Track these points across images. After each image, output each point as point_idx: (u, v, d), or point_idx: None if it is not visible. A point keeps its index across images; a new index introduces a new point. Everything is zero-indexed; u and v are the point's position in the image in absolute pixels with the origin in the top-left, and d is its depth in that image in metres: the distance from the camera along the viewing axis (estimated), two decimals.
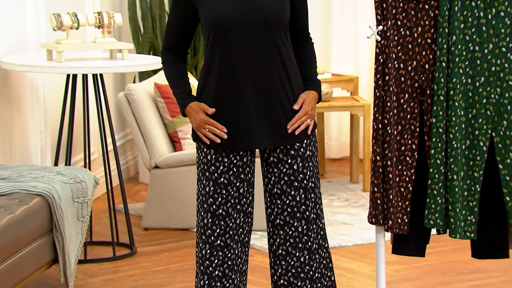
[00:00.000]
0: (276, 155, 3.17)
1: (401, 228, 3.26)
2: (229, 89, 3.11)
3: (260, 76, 3.10)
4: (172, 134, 5.33)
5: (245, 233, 3.18)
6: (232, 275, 3.15)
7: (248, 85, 3.10)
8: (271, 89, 3.12)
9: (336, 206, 5.63)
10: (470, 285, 4.26)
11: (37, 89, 5.05)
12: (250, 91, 3.11)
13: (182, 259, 4.67)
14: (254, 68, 3.09)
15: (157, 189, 5.17)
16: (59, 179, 4.13)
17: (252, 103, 3.11)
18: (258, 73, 3.10)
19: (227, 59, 3.09)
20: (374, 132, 3.27)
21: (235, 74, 3.10)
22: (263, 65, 3.09)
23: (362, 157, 6.40)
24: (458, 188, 3.20)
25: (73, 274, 4.12)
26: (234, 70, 3.09)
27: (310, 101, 3.14)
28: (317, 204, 3.19)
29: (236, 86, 3.11)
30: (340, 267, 4.51)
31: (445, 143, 3.22)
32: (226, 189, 3.13)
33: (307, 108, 3.13)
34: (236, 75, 3.10)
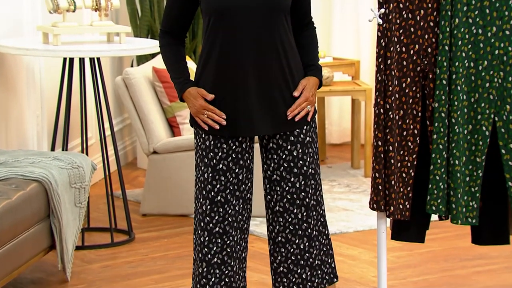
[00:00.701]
0: (275, 141, 3.17)
1: (402, 214, 3.27)
2: (229, 74, 3.12)
3: (261, 62, 3.10)
4: (170, 119, 5.34)
5: (244, 220, 3.19)
6: (231, 262, 3.16)
7: (248, 70, 3.10)
8: (271, 75, 3.12)
9: (337, 192, 5.64)
10: (472, 271, 4.28)
11: (33, 73, 5.06)
12: (250, 77, 3.11)
13: (180, 245, 4.69)
14: (255, 53, 3.09)
15: (155, 175, 5.18)
16: (56, 165, 4.15)
17: (252, 89, 3.12)
18: (259, 58, 3.10)
19: (227, 44, 3.10)
20: (376, 117, 3.28)
21: (235, 59, 3.10)
22: (263, 51, 3.09)
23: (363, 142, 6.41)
24: (460, 174, 3.21)
25: (71, 260, 4.14)
26: (234, 55, 3.10)
27: (311, 87, 3.15)
28: (317, 190, 3.19)
29: (236, 71, 3.11)
30: (341, 253, 4.53)
31: (447, 128, 3.23)
32: (224, 176, 3.14)
33: (308, 94, 3.14)
34: (236, 60, 3.10)
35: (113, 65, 6.20)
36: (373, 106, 3.30)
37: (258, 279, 4.19)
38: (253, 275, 4.22)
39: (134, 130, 5.51)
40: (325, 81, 5.97)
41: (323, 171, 6.08)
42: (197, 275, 3.16)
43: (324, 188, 5.70)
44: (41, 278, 4.22)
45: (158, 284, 4.14)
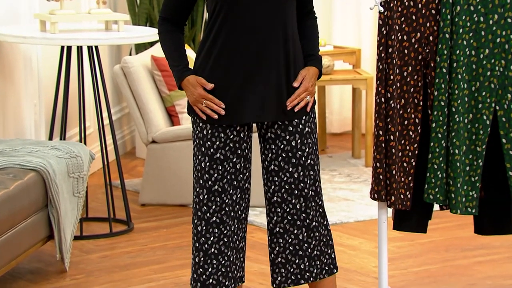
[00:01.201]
0: (274, 131, 3.18)
1: (403, 204, 3.28)
2: (229, 62, 3.12)
3: (264, 50, 3.10)
4: (169, 108, 5.34)
5: (242, 210, 3.19)
6: (228, 252, 3.17)
7: (249, 58, 3.10)
8: (272, 64, 3.12)
9: (338, 182, 5.65)
10: (474, 261, 4.29)
11: (30, 61, 5.06)
12: (251, 65, 3.11)
13: (180, 235, 4.70)
14: (258, 42, 3.09)
15: (154, 164, 5.19)
16: (54, 154, 4.15)
17: (252, 77, 3.12)
18: (262, 47, 3.10)
19: (230, 32, 3.09)
20: (377, 106, 3.29)
21: (236, 47, 3.10)
22: (267, 39, 3.09)
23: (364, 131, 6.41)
24: (459, 163, 3.22)
25: (69, 250, 4.15)
26: (236, 43, 3.09)
27: (310, 78, 3.15)
28: (316, 181, 3.20)
29: (236, 59, 3.11)
30: (342, 244, 4.54)
31: (447, 117, 3.23)
32: (222, 165, 3.15)
33: (307, 84, 3.14)
34: (238, 48, 3.10)
35: (111, 53, 6.20)
36: (374, 95, 3.31)
37: (258, 269, 4.20)
38: (252, 266, 4.23)
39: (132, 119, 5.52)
40: (326, 69, 5.97)
41: (323, 160, 6.09)
42: (194, 265, 3.17)
43: (325, 178, 5.71)
44: (39, 268, 4.23)
45: (157, 274, 4.15)
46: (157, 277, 4.11)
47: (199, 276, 3.16)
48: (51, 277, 4.12)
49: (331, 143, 6.67)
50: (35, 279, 4.10)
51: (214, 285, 3.16)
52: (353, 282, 4.02)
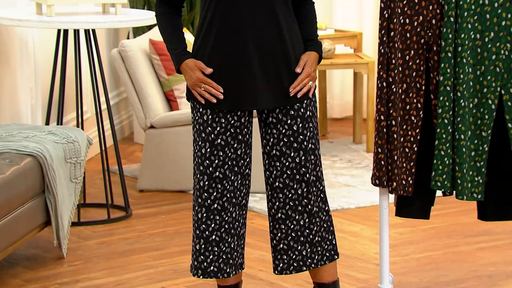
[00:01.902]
0: (275, 115, 3.17)
1: (405, 189, 3.28)
2: (229, 47, 3.11)
3: (261, 34, 3.10)
4: (168, 93, 5.33)
5: (242, 196, 3.19)
6: (229, 239, 3.17)
7: (248, 43, 3.09)
8: (271, 48, 3.11)
9: (339, 168, 5.65)
10: (476, 247, 4.29)
11: (26, 44, 5.04)
12: (250, 49, 3.10)
13: (178, 222, 4.70)
14: (255, 25, 3.08)
15: (152, 150, 5.18)
16: (50, 139, 4.14)
17: (252, 62, 3.11)
18: (260, 31, 3.09)
19: (229, 16, 3.08)
20: (378, 91, 3.28)
21: (236, 31, 3.09)
22: (264, 23, 3.08)
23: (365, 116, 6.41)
24: (465, 148, 3.21)
25: (66, 236, 4.15)
26: (236, 27, 3.09)
27: (312, 63, 3.14)
28: (317, 166, 3.20)
29: (236, 44, 3.10)
30: (343, 230, 4.55)
31: (453, 102, 3.22)
32: (223, 151, 3.14)
33: (309, 70, 3.14)
34: (237, 32, 3.09)
35: (109, 37, 6.18)
36: (376, 79, 3.30)
37: (258, 256, 4.20)
38: (252, 252, 4.23)
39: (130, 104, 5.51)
40: (327, 53, 5.96)
41: (324, 146, 6.08)
42: (195, 252, 3.17)
43: (326, 163, 5.70)
44: (36, 255, 4.23)
45: (156, 261, 4.16)
46: (156, 264, 4.11)
47: (200, 263, 3.16)
48: (48, 264, 4.12)
49: (332, 128, 6.67)
50: (32, 265, 4.10)
51: (215, 272, 3.16)
52: (354, 269, 4.03)
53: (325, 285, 3.26)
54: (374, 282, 3.87)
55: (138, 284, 3.87)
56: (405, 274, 3.97)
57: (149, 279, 3.93)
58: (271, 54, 3.12)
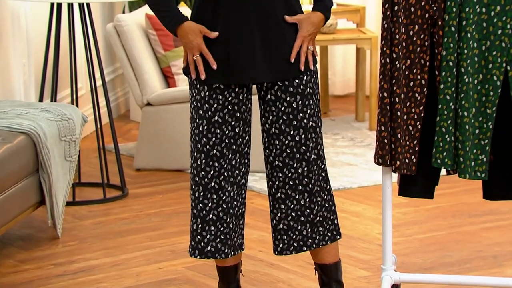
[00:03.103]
0: (274, 92, 3.17)
1: (409, 168, 3.29)
2: (226, 18, 3.10)
3: (260, 4, 3.09)
4: (165, 69, 5.34)
5: (241, 175, 3.20)
6: (227, 219, 3.19)
7: (246, 13, 3.09)
8: (271, 19, 3.11)
9: (340, 146, 5.67)
10: (482, 227, 4.31)
11: (18, 18, 5.04)
12: (248, 20, 3.10)
13: (176, 201, 4.73)
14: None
15: (149, 128, 5.20)
16: (44, 116, 4.16)
17: (250, 33, 3.10)
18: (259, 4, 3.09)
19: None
20: (382, 67, 3.29)
21: (233, 4, 3.09)
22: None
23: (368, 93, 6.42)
24: (469, 126, 3.23)
25: (61, 216, 4.17)
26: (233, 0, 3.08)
27: (308, 25, 3.09)
28: (318, 144, 3.21)
29: (234, 14, 3.09)
30: (345, 210, 4.57)
31: (456, 78, 3.23)
32: (220, 128, 3.15)
33: (304, 34, 3.10)
34: (235, 5, 3.09)
35: (104, 11, 6.18)
36: (379, 55, 3.31)
37: (258, 236, 4.22)
38: (252, 233, 4.26)
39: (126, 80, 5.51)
40: (328, 28, 5.96)
41: (326, 124, 6.10)
42: (192, 232, 3.19)
43: (327, 142, 5.72)
44: (30, 235, 4.25)
45: (153, 241, 4.18)
46: (153, 245, 4.14)
47: (197, 243, 3.18)
48: (42, 244, 4.14)
49: (333, 106, 6.68)
50: (26, 245, 4.13)
51: (212, 252, 3.18)
52: (356, 249, 4.05)
53: (327, 266, 3.28)
54: (377, 263, 3.90)
55: (135, 265, 3.89)
56: (408, 254, 4.00)
57: (146, 260, 3.96)
58: (270, 25, 3.11)
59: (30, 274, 3.80)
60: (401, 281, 3.43)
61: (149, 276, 3.78)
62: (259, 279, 3.74)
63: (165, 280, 3.73)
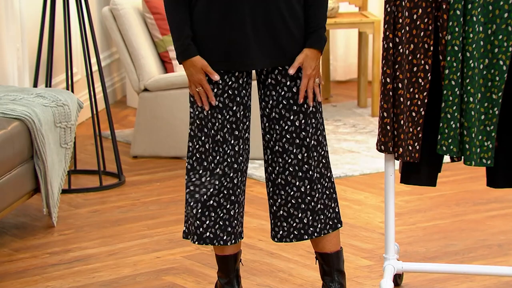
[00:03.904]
0: (274, 76, 3.18)
1: (412, 155, 3.30)
2: (224, 4, 3.11)
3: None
4: (162, 54, 5.34)
5: (243, 161, 3.21)
6: (227, 205, 3.20)
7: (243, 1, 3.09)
8: (267, 5, 3.11)
9: (342, 133, 5.67)
10: (486, 216, 4.32)
11: (12, 0, 5.04)
12: (248, 5, 3.10)
13: (174, 189, 4.73)
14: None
15: (146, 114, 5.20)
16: (39, 102, 4.16)
17: (248, 18, 3.11)
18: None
19: None
20: (384, 52, 3.29)
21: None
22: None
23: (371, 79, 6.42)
24: (474, 112, 3.23)
25: (57, 204, 4.18)
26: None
27: (309, 64, 3.14)
28: (319, 130, 3.21)
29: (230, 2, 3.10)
30: (346, 198, 4.58)
31: (461, 62, 3.23)
32: (221, 114, 3.16)
33: (309, 72, 3.13)
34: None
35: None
36: (382, 39, 3.31)
37: (257, 225, 4.23)
38: (252, 221, 4.27)
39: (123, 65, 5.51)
40: (330, 12, 5.95)
41: (327, 110, 6.10)
42: (192, 217, 3.20)
43: (329, 128, 5.73)
44: (25, 223, 4.26)
45: (150, 230, 4.19)
46: (151, 233, 4.15)
47: (196, 228, 3.19)
48: (38, 233, 4.15)
49: (335, 92, 6.68)
50: (21, 234, 4.13)
51: (211, 238, 3.19)
52: (358, 238, 4.06)
53: (328, 255, 3.29)
54: (379, 252, 3.91)
55: (132, 254, 3.90)
56: (411, 243, 4.01)
57: (143, 249, 3.97)
58: (270, 10, 3.11)
59: (25, 263, 3.82)
60: (403, 270, 3.44)
61: (146, 265, 3.79)
62: (259, 268, 3.75)
63: (163, 270, 3.74)
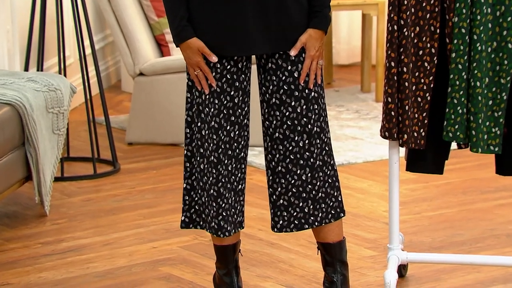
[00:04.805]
0: (274, 61, 3.18)
1: (417, 142, 3.31)
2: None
3: None
4: (158, 37, 5.34)
5: (240, 148, 3.22)
6: (226, 194, 3.20)
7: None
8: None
9: (345, 119, 5.68)
10: (495, 204, 4.33)
11: None
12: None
13: (171, 177, 4.74)
14: None
15: (142, 99, 5.20)
16: (30, 87, 4.16)
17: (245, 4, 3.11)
18: None
19: None
20: (389, 34, 3.29)
21: None
22: None
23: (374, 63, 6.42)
24: (481, 97, 3.24)
25: (49, 193, 4.19)
26: None
27: (313, 44, 3.14)
28: (321, 116, 3.22)
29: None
30: (349, 186, 4.59)
31: (468, 46, 3.24)
32: (219, 99, 3.16)
33: (312, 53, 3.14)
34: None
35: None
36: (386, 22, 3.31)
37: (257, 214, 4.24)
38: (251, 210, 4.28)
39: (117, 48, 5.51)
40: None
41: (329, 95, 6.11)
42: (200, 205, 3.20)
43: (331, 114, 5.73)
44: (16, 212, 4.27)
45: (146, 219, 4.20)
46: (147, 223, 4.16)
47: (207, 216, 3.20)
48: (29, 222, 4.16)
49: (338, 76, 6.68)
50: (12, 223, 4.15)
51: (215, 229, 3.21)
52: (361, 228, 4.07)
53: (330, 245, 3.30)
54: (383, 242, 3.92)
55: (127, 244, 3.92)
56: (416, 233, 4.02)
57: (139, 239, 3.98)
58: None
59: (16, 253, 3.83)
60: (408, 261, 3.45)
61: (142, 255, 3.81)
62: (259, 259, 3.76)
63: (159, 260, 3.76)
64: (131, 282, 3.55)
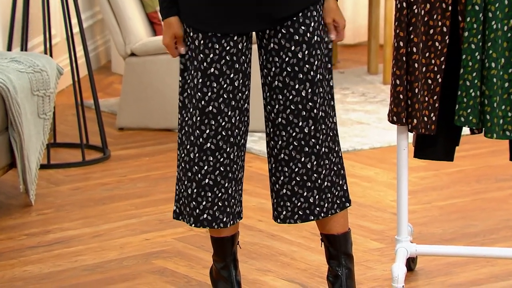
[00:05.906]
0: (277, 41, 3.18)
1: (427, 127, 3.31)
2: None
3: None
4: (151, 15, 5.34)
5: (240, 134, 3.22)
6: (225, 183, 3.21)
7: None
8: None
9: (351, 102, 5.69)
10: (510, 193, 4.35)
11: None
12: None
13: (164, 165, 4.75)
14: None
15: (133, 81, 5.21)
16: (14, 68, 4.17)
17: None
18: None
19: None
20: (397, 12, 3.29)
21: None
22: None
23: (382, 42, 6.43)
24: (496, 79, 3.24)
25: (34, 181, 4.20)
26: None
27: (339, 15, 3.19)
28: (327, 100, 3.22)
29: None
30: (355, 174, 4.60)
31: (483, 24, 3.24)
32: (217, 82, 3.16)
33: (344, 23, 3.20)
34: None
35: None
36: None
37: (257, 204, 4.26)
38: (250, 200, 4.29)
39: (107, 27, 5.51)
40: None
41: (334, 77, 6.11)
42: (186, 197, 3.21)
43: (336, 97, 5.74)
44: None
45: (138, 209, 4.21)
46: (139, 213, 4.17)
47: (192, 210, 3.21)
48: (14, 212, 4.17)
49: (343, 57, 6.69)
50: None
51: (209, 221, 3.21)
52: (368, 218, 4.09)
53: (335, 237, 3.30)
54: (391, 233, 3.93)
55: (118, 236, 3.93)
56: (426, 224, 4.03)
57: (131, 230, 3.99)
58: None
59: (0, 245, 3.84)
60: (418, 253, 3.46)
61: (134, 248, 3.82)
62: (259, 251, 3.78)
63: (153, 253, 3.77)
64: (122, 276, 3.56)
